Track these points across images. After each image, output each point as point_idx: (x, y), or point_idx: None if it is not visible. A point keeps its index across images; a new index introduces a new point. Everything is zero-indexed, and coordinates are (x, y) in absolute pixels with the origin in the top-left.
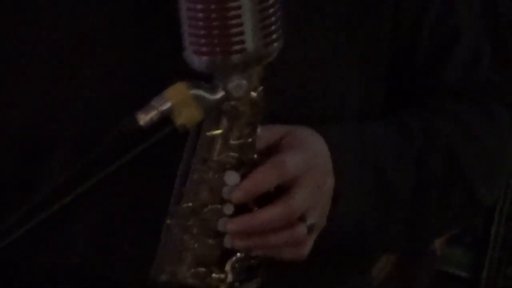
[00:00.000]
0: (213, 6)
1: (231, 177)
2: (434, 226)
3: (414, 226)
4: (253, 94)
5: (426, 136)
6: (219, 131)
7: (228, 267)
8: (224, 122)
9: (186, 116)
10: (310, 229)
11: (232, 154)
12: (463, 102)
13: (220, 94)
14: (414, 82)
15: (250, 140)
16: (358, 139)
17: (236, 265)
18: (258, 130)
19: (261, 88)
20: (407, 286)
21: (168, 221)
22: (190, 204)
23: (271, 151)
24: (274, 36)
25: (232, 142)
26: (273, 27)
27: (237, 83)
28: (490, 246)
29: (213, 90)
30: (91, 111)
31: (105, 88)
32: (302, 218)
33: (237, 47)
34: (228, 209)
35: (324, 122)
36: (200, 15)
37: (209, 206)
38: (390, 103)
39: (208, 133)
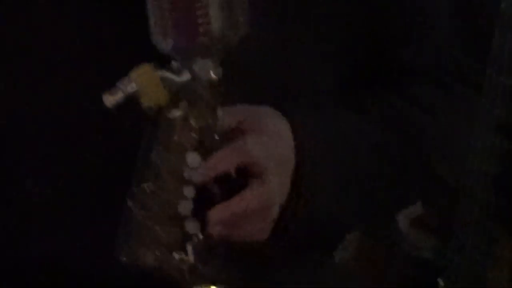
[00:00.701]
0: None
1: (193, 159)
2: (396, 204)
3: (375, 205)
4: (213, 76)
5: (385, 117)
6: (179, 113)
7: (189, 248)
8: (184, 104)
9: (152, 98)
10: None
11: (193, 135)
12: (425, 82)
13: (186, 76)
14: (379, 62)
15: (210, 121)
16: (317, 119)
17: (197, 246)
18: (219, 112)
19: (220, 70)
20: (372, 268)
21: (129, 203)
22: (152, 185)
23: (233, 132)
24: (239, 19)
25: (192, 124)
26: (238, 10)
27: (202, 65)
28: (457, 228)
29: (178, 72)
30: (49, 97)
31: (59, 76)
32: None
33: (202, 29)
34: (189, 191)
35: (284, 101)
36: None
37: (170, 188)
38: (356, 85)
39: (169, 116)
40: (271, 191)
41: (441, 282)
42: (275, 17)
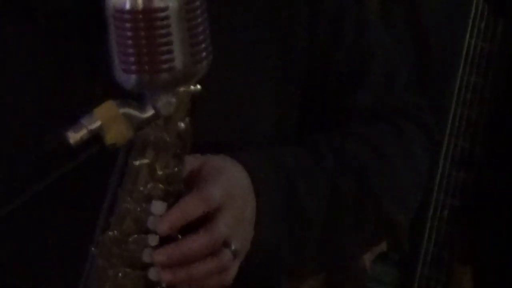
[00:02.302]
0: (141, 25)
1: (157, 207)
2: (349, 247)
3: (329, 248)
4: (181, 125)
5: (337, 160)
6: (145, 161)
7: None
8: (151, 152)
9: (116, 135)
10: (234, 254)
11: (158, 184)
12: (375, 124)
13: (149, 112)
14: (328, 106)
15: (176, 170)
16: (271, 166)
17: None
18: (185, 160)
19: (188, 119)
20: None
21: (93, 250)
22: (115, 233)
23: (191, 181)
24: (203, 54)
25: (158, 172)
26: (201, 46)
27: (166, 101)
28: (419, 264)
29: (142, 108)
30: (13, 137)
31: (21, 111)
32: (226, 244)
33: (165, 65)
34: (153, 239)
35: (238, 147)
36: (129, 33)
37: (134, 236)
38: (305, 127)
39: (135, 163)
40: (221, 232)
41: None
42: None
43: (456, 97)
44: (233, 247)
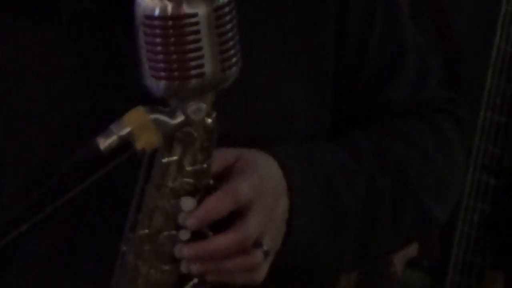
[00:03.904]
0: (171, 31)
1: (187, 203)
2: (385, 244)
3: (366, 245)
4: (208, 120)
5: (374, 155)
6: (174, 158)
7: None
8: (179, 148)
9: (146, 141)
10: (265, 254)
11: (187, 180)
12: (410, 119)
13: (179, 118)
14: (361, 102)
15: (205, 165)
16: (308, 161)
17: None
18: (214, 155)
19: (215, 114)
20: None
21: (123, 248)
22: (146, 230)
23: (224, 175)
24: (232, 61)
25: (187, 168)
26: (231, 52)
27: (196, 107)
28: (449, 269)
29: (172, 115)
30: (38, 141)
31: (51, 118)
32: (258, 244)
33: (195, 71)
34: (184, 235)
35: (272, 144)
36: (158, 40)
37: (165, 233)
38: (339, 124)
39: (163, 160)
40: (251, 232)
41: None
42: (255, 56)
43: (486, 102)
44: (264, 248)
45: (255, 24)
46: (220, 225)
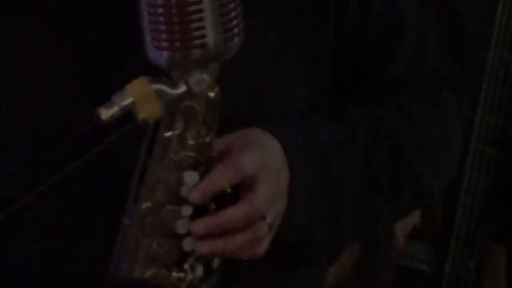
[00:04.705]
0: (173, 1)
1: (190, 177)
2: (384, 217)
3: (364, 218)
4: (210, 93)
5: (370, 129)
6: (176, 132)
7: (187, 266)
8: (181, 122)
9: (148, 111)
10: (269, 227)
11: (189, 154)
12: (408, 92)
13: (181, 89)
14: (361, 77)
15: (207, 139)
16: (304, 135)
17: (195, 263)
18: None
19: (217, 87)
20: (370, 282)
21: (126, 221)
22: (149, 204)
23: (225, 152)
24: (234, 31)
25: (189, 142)
26: (233, 22)
27: (198, 78)
28: (452, 240)
29: (174, 85)
30: (40, 113)
31: (52, 90)
32: (262, 217)
33: (197, 42)
34: (187, 210)
35: (270, 119)
36: (161, 10)
37: (167, 207)
38: (337, 98)
39: (165, 134)
40: (259, 205)
41: None
42: (254, 34)
43: (489, 74)
44: (268, 220)
45: (255, 0)
46: (223, 200)
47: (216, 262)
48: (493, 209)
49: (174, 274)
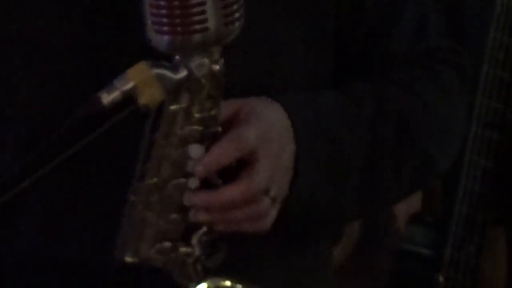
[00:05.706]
0: None
1: (196, 150)
2: (389, 192)
3: (369, 192)
4: (215, 67)
5: (376, 104)
6: (182, 105)
7: (194, 240)
8: (186, 96)
9: (149, 96)
10: (273, 201)
11: (195, 127)
12: (411, 70)
13: (182, 73)
14: (362, 53)
15: (213, 113)
16: (312, 108)
17: (202, 238)
18: (222, 102)
19: (222, 60)
20: (370, 265)
21: (131, 198)
22: (154, 179)
23: (231, 123)
24: (235, 16)
25: (195, 115)
26: (234, 7)
27: (199, 62)
28: (452, 224)
29: (175, 69)
30: (41, 95)
31: (53, 72)
32: (265, 191)
33: (198, 26)
34: (193, 182)
35: (273, 94)
36: None
37: (173, 181)
38: (340, 75)
39: (171, 108)
40: (260, 180)
41: (440, 278)
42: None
43: (489, 57)
44: (271, 194)
45: None
46: (231, 173)
47: (222, 239)
48: (493, 192)
49: (182, 249)
